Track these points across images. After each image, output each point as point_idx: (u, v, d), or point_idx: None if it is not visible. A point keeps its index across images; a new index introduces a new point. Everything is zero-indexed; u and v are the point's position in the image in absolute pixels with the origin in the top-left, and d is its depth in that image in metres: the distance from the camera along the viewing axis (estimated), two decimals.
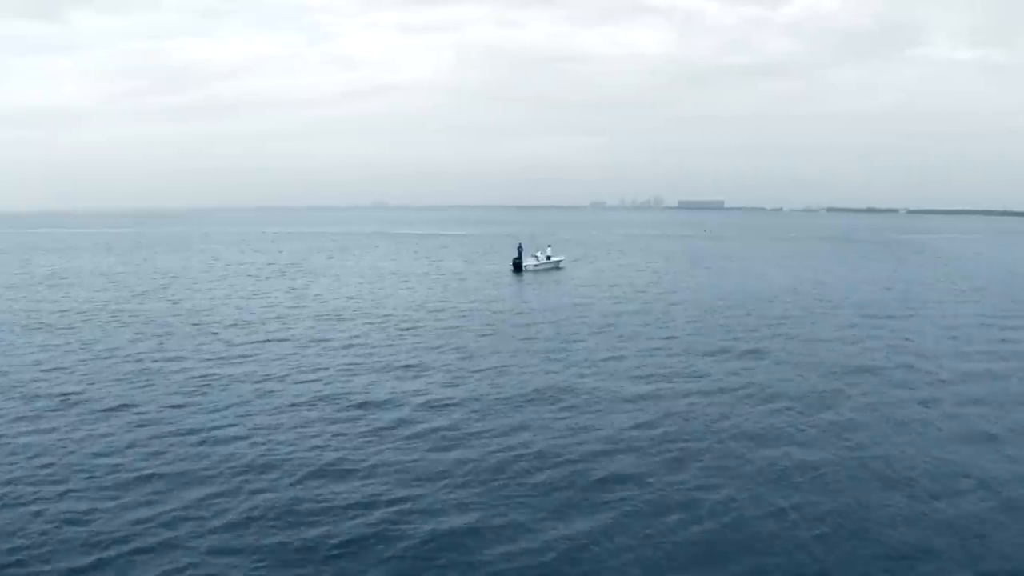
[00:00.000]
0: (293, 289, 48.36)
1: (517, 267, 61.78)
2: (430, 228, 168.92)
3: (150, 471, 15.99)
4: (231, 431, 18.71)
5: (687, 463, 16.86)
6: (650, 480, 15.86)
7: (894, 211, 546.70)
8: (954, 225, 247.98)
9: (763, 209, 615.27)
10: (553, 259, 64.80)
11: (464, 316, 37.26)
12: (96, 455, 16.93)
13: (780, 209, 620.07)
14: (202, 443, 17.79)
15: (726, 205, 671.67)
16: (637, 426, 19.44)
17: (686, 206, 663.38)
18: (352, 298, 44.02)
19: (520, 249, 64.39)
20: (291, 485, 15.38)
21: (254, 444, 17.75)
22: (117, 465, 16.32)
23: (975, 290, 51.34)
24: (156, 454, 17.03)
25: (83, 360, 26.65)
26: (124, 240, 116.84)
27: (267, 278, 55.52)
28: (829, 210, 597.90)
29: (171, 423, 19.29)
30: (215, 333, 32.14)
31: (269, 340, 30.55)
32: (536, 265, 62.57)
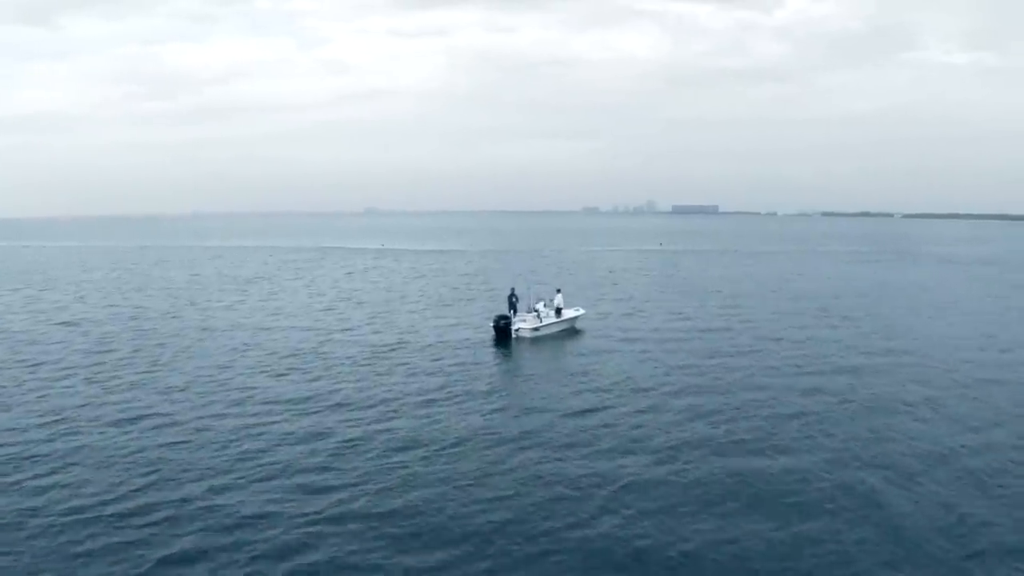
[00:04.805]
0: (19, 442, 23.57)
1: (502, 332, 36.59)
2: (413, 242, 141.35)
3: None
4: None
5: None
6: None
7: (888, 215, 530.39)
8: (973, 231, 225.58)
9: (757, 214, 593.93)
10: (566, 314, 40.01)
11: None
12: None
13: (774, 214, 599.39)
14: None
15: (720, 210, 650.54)
16: None
17: (680, 211, 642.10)
18: (109, 498, 19.46)
19: (513, 298, 39.73)
20: None
21: None
22: None
23: None
24: None
25: None
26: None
27: (57, 380, 30.96)
28: (824, 214, 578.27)
29: None
30: None
31: None
32: (536, 329, 37.33)
